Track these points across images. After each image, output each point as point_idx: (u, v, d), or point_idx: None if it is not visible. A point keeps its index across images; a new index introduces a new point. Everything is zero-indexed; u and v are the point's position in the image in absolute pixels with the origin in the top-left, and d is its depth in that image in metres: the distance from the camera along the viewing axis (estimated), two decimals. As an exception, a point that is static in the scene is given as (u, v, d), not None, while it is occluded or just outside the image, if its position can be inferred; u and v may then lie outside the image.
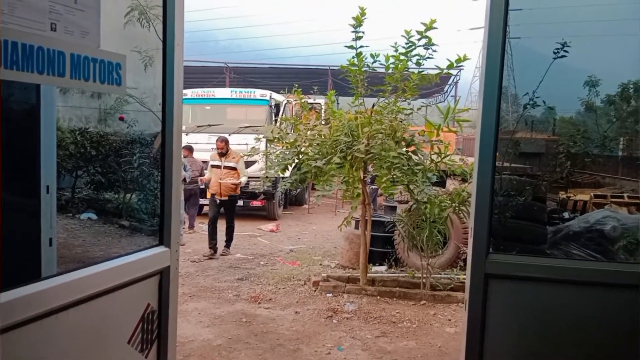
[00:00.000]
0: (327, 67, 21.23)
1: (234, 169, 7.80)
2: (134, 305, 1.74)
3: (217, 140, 8.04)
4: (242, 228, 10.43)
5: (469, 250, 1.82)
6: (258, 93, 11.72)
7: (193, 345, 4.14)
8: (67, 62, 1.38)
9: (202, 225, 10.34)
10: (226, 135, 8.66)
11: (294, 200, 13.66)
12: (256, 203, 11.10)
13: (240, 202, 11.32)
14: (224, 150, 7.91)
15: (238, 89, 12.37)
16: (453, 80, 22.37)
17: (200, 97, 11.96)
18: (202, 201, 11.53)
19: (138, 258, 1.75)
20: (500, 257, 1.79)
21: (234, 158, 7.80)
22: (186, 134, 11.41)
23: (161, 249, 1.83)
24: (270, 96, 11.52)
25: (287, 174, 5.98)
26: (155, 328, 1.83)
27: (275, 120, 10.81)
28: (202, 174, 9.06)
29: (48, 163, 2.50)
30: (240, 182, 8.01)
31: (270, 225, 10.49)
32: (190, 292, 5.64)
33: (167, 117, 1.81)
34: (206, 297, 5.47)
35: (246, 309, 5.07)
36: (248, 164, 10.80)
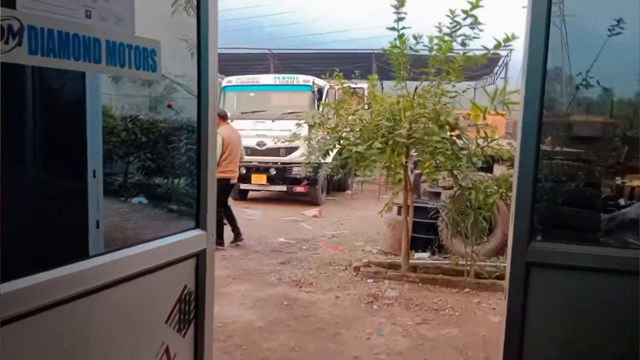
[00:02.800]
0: (371, 51, 20.90)
1: None
2: (171, 286, 1.78)
3: None
4: (285, 213, 10.57)
5: (510, 238, 1.74)
6: (301, 79, 11.73)
7: (236, 326, 4.24)
8: (103, 48, 1.41)
9: (246, 210, 10.56)
10: (220, 108, 8.19)
11: (337, 186, 13.65)
12: (299, 188, 11.19)
13: (283, 187, 11.37)
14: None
15: (281, 75, 12.45)
16: (503, 61, 21.51)
17: (245, 84, 12.11)
18: (244, 186, 11.73)
19: (175, 240, 1.79)
20: (542, 244, 1.70)
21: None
22: (231, 121, 11.62)
23: (197, 232, 1.86)
24: (314, 81, 11.50)
25: (329, 159, 5.95)
26: (193, 309, 1.88)
27: (319, 106, 10.80)
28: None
29: (94, 148, 2.60)
30: None
31: (314, 211, 10.55)
32: (234, 275, 5.77)
33: (202, 101, 1.83)
34: (249, 280, 5.58)
35: (287, 293, 5.14)
36: (290, 150, 10.91)
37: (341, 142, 5.46)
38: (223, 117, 7.29)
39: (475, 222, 5.26)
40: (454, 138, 4.97)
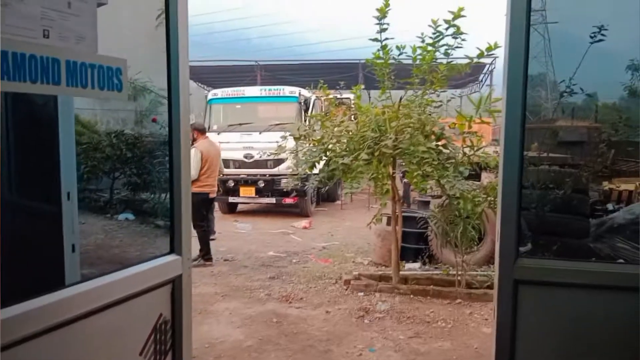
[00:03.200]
0: (358, 61, 20.99)
1: None
2: (145, 315, 1.70)
3: None
4: (275, 225, 10.46)
5: (496, 254, 1.68)
6: (287, 90, 11.70)
7: (224, 346, 4.13)
8: (63, 69, 1.34)
9: (235, 224, 10.44)
10: (196, 122, 8.02)
11: (326, 197, 13.59)
12: (288, 200, 11.10)
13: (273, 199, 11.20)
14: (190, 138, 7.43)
15: (267, 87, 12.40)
16: (488, 69, 21.71)
17: (231, 96, 12.04)
18: (233, 199, 11.62)
19: (149, 267, 1.71)
20: (530, 261, 1.65)
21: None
22: (217, 134, 11.54)
23: (172, 257, 1.78)
24: (300, 93, 11.47)
25: (317, 170, 5.87)
26: (169, 338, 1.79)
27: (306, 117, 10.77)
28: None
29: (68, 170, 2.52)
30: None
31: (303, 222, 10.46)
32: (222, 292, 5.66)
33: (173, 120, 1.75)
34: (237, 297, 5.47)
35: (277, 309, 5.03)
36: (278, 162, 10.83)
37: (327, 153, 5.41)
38: (201, 131, 7.19)
39: (465, 232, 5.21)
40: (440, 148, 4.93)
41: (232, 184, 11.32)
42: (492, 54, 4.76)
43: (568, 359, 1.65)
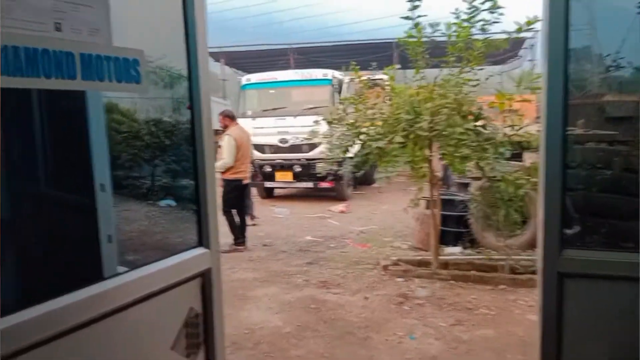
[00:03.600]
0: (392, 40, 20.53)
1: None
2: (175, 309, 1.68)
3: None
4: (311, 210, 10.46)
5: (539, 244, 1.57)
6: (320, 73, 11.58)
7: (263, 332, 4.15)
8: (77, 62, 1.30)
9: (273, 209, 10.50)
10: (225, 109, 7.75)
11: (363, 180, 13.47)
12: (325, 184, 11.07)
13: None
14: (221, 125, 7.13)
15: (300, 70, 12.32)
16: (529, 43, 20.78)
17: (264, 81, 12.04)
18: (269, 184, 11.67)
19: (177, 261, 1.68)
20: (576, 252, 1.52)
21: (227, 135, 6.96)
22: (252, 119, 11.58)
23: (201, 250, 1.75)
24: (333, 75, 11.33)
25: (351, 154, 5.75)
26: (201, 332, 1.77)
27: (340, 99, 10.65)
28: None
29: (101, 162, 2.54)
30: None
31: (340, 206, 10.42)
32: (261, 277, 5.70)
33: (195, 109, 1.71)
34: (276, 282, 5.49)
35: (315, 295, 5.02)
36: (313, 146, 10.76)
37: (361, 137, 5.29)
38: (232, 118, 7.15)
39: (507, 215, 5.02)
40: (478, 128, 4.72)
41: (269, 169, 11.37)
42: (532, 29, 4.49)
43: (616, 353, 1.52)
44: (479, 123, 4.86)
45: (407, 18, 4.79)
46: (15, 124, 2.96)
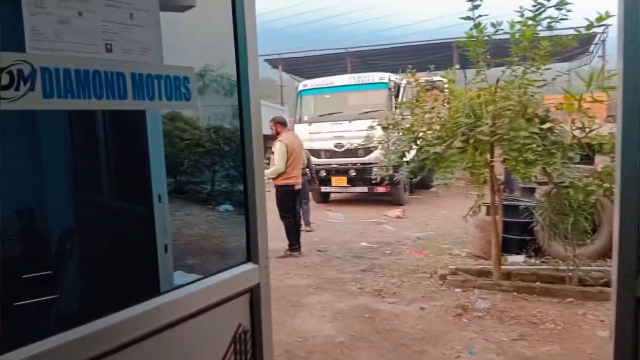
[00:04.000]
0: (451, 40, 20.03)
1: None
2: (224, 326, 1.66)
3: None
4: (367, 214, 10.36)
5: (613, 264, 1.42)
6: (377, 76, 11.46)
7: (316, 341, 4.11)
8: (128, 82, 1.31)
9: (327, 213, 10.48)
10: (279, 115, 7.85)
11: (421, 184, 13.20)
12: (381, 189, 10.93)
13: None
14: (273, 131, 7.18)
15: (356, 75, 12.26)
16: (599, 38, 19.57)
17: (320, 86, 12.08)
18: (325, 189, 11.68)
19: (226, 277, 1.67)
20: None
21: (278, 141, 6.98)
22: (309, 124, 11.64)
23: (249, 265, 1.73)
24: (389, 78, 11.18)
25: (409, 157, 5.57)
26: (250, 348, 1.75)
27: (397, 103, 10.48)
28: (308, 164, 8.54)
29: (158, 174, 2.61)
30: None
31: (396, 211, 10.24)
32: (315, 284, 5.67)
33: (244, 120, 1.69)
34: (330, 290, 5.45)
35: (369, 304, 4.92)
36: (368, 151, 10.65)
37: (418, 142, 5.14)
38: (283, 124, 7.19)
39: (576, 223, 4.70)
40: (545, 132, 4.45)
41: (324, 174, 11.38)
42: (603, 24, 4.18)
43: None
44: (546, 126, 4.58)
45: (467, 18, 4.61)
46: (79, 137, 3.11)
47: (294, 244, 7.01)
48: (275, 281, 5.78)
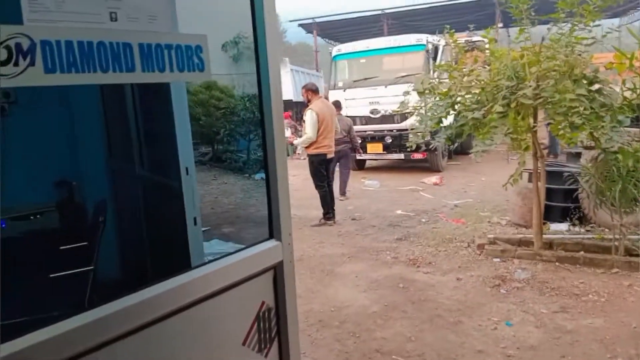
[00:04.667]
0: (494, -4, 19.06)
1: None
2: (246, 304, 1.63)
3: None
4: (403, 182, 10.20)
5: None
6: (413, 38, 11.05)
7: (349, 311, 4.10)
8: (136, 53, 1.24)
9: (363, 181, 10.37)
10: (311, 82, 7.71)
11: (459, 149, 12.85)
12: (417, 155, 10.70)
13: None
14: (305, 99, 7.12)
15: (392, 37, 11.87)
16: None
17: (355, 50, 11.76)
18: (360, 156, 11.51)
19: (248, 255, 1.62)
20: None
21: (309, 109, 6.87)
22: (343, 90, 11.41)
23: (272, 242, 1.67)
24: (427, 40, 10.74)
25: (447, 123, 5.33)
26: (274, 326, 1.71)
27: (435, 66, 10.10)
28: (349, 133, 8.44)
29: (185, 146, 2.57)
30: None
31: (434, 178, 10.03)
32: (349, 253, 5.64)
33: (263, 90, 1.59)
34: (364, 259, 5.41)
35: (404, 273, 4.86)
36: (404, 117, 10.36)
37: (456, 107, 4.92)
38: (315, 92, 7.01)
39: (624, 190, 4.44)
40: (593, 93, 4.15)
41: (360, 141, 11.21)
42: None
43: None
44: (594, 87, 4.27)
45: (508, -28, 4.29)
46: (108, 110, 3.10)
47: (329, 212, 6.98)
48: (310, 250, 5.78)
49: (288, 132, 14.25)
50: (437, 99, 5.05)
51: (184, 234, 2.57)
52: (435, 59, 10.66)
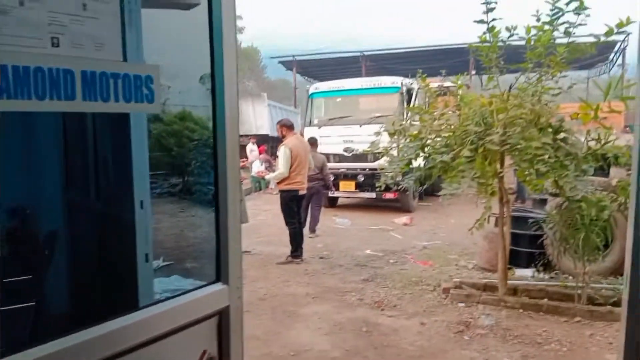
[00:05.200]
0: (467, 45, 19.74)
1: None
2: (187, 352, 1.51)
3: None
4: (374, 221, 10.16)
5: (625, 284, 1.27)
6: (389, 80, 11.28)
7: (308, 355, 3.95)
8: (78, 81, 1.16)
9: (334, 219, 10.30)
10: (286, 118, 7.81)
11: (430, 191, 12.95)
12: (389, 195, 10.73)
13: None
14: (279, 134, 7.14)
15: (368, 78, 12.09)
16: (620, 46, 19.09)
17: (331, 89, 11.91)
18: (332, 194, 11.46)
19: (192, 299, 1.51)
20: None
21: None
22: (318, 127, 11.48)
23: (218, 286, 1.56)
24: (402, 82, 10.98)
25: (416, 164, 5.35)
26: (215, 378, 1.59)
27: (409, 108, 10.28)
28: (322, 170, 8.42)
29: (141, 179, 2.47)
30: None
31: (404, 219, 10.04)
32: (314, 293, 5.51)
33: (218, 129, 1.53)
34: (329, 299, 5.28)
35: (368, 316, 4.75)
36: (375, 156, 10.43)
37: (425, 150, 4.95)
38: (290, 128, 7.03)
39: (587, 239, 4.49)
40: (558, 142, 4.24)
41: (332, 178, 11.20)
42: (624, 31, 3.96)
43: None
44: (559, 136, 4.37)
45: (480, 22, 4.41)
46: (68, 138, 2.98)
47: (297, 250, 6.86)
48: (274, 289, 5.63)
49: (262, 167, 14.19)
50: (408, 140, 5.09)
51: (134, 271, 2.44)
52: (409, 101, 10.86)
